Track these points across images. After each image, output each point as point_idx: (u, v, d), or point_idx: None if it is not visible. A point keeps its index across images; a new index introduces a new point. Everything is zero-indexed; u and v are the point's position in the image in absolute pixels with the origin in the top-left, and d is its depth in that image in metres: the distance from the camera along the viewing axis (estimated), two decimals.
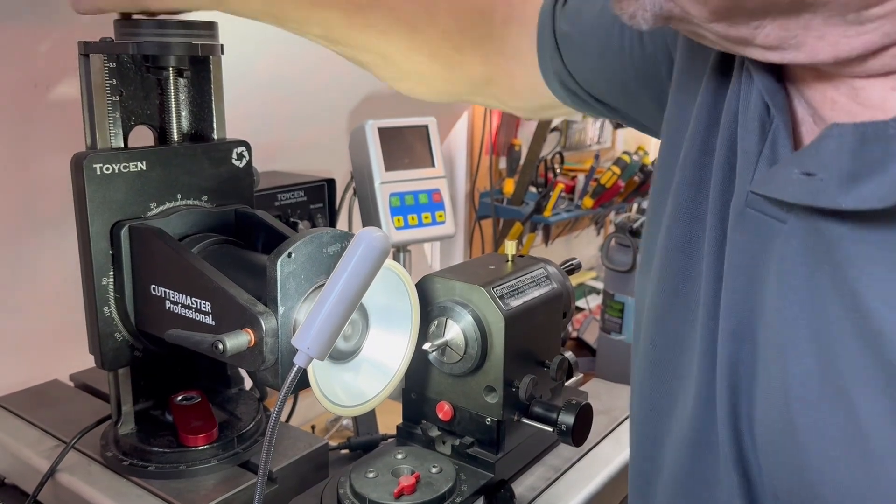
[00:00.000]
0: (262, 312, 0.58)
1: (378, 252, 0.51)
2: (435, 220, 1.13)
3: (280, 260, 0.58)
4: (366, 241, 0.51)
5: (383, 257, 0.52)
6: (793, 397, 0.42)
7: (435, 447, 0.73)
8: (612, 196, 2.05)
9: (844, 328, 0.39)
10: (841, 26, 0.35)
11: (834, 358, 0.40)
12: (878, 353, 0.37)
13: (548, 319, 0.74)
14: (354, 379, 0.64)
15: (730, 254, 0.47)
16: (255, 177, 0.80)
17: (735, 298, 0.46)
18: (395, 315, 0.65)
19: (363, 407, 0.64)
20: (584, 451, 0.80)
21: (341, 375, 0.63)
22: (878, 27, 0.35)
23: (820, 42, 0.37)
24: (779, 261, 0.43)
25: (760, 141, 0.44)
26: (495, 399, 0.69)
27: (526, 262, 0.76)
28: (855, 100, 0.39)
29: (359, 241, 0.52)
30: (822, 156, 0.38)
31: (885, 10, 0.34)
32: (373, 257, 0.51)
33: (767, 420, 0.44)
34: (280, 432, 0.80)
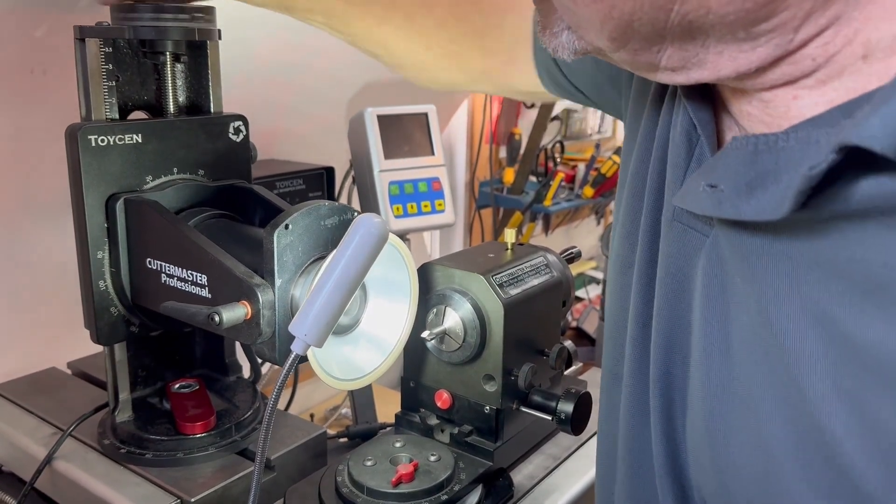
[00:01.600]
0: (258, 285, 0.58)
1: (376, 238, 0.51)
2: (434, 208, 1.12)
3: (277, 231, 0.57)
4: (364, 227, 0.51)
5: (382, 243, 0.52)
6: (709, 406, 0.43)
7: (433, 435, 0.73)
8: (613, 185, 2.04)
9: (754, 342, 0.40)
10: (734, 43, 0.37)
11: (744, 370, 0.41)
12: (782, 367, 0.38)
13: (547, 308, 0.74)
14: (353, 352, 0.63)
15: (660, 267, 0.48)
16: (252, 152, 0.79)
17: (664, 312, 0.48)
18: (394, 287, 0.65)
19: (362, 381, 0.63)
20: (583, 439, 0.80)
21: (340, 349, 0.62)
22: (770, 40, 0.36)
23: (720, 58, 0.38)
24: (701, 273, 0.44)
25: (687, 156, 0.46)
26: (494, 387, 0.69)
27: (525, 251, 0.76)
28: (765, 111, 0.40)
29: (357, 227, 0.51)
30: (723, 167, 0.40)
31: (772, 24, 0.35)
32: (371, 243, 0.51)
33: (692, 427, 0.46)
34: (278, 420, 0.80)
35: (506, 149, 2.01)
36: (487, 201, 1.95)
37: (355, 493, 0.63)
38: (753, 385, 0.40)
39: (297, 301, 0.59)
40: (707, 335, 0.44)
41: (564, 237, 2.39)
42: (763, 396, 0.39)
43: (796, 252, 0.37)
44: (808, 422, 0.37)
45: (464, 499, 0.66)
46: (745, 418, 0.41)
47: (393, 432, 0.75)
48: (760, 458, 0.40)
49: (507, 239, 0.76)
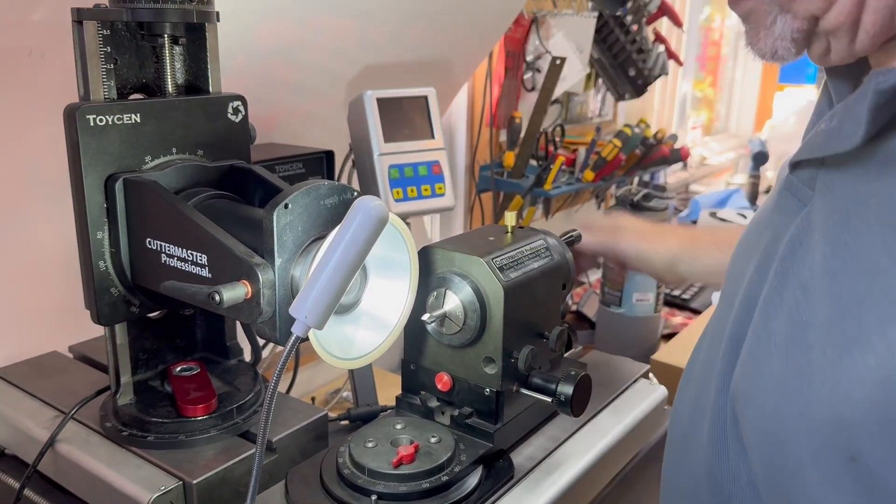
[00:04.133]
0: (258, 264, 0.58)
1: (376, 221, 0.51)
2: (434, 192, 1.12)
3: (276, 211, 0.57)
4: (363, 209, 0.51)
5: (381, 226, 0.52)
6: (763, 348, 0.49)
7: (434, 418, 0.73)
8: (613, 169, 2.03)
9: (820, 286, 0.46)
10: None
11: (789, 319, 0.47)
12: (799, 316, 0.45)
13: (547, 291, 0.74)
14: (354, 332, 0.64)
15: (765, 232, 0.54)
16: (251, 133, 0.79)
17: (756, 273, 0.53)
18: (394, 267, 0.65)
19: (362, 360, 0.64)
20: (583, 421, 0.80)
21: (341, 328, 0.63)
22: None
23: None
24: (789, 237, 0.50)
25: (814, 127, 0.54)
26: (494, 370, 0.69)
27: (526, 234, 0.76)
28: None
29: (356, 210, 0.51)
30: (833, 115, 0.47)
31: None
32: (370, 226, 0.51)
33: (741, 369, 0.51)
34: (280, 403, 0.80)
35: (506, 132, 2.00)
36: (488, 185, 1.94)
37: (356, 473, 0.64)
38: (794, 332, 0.45)
39: (296, 281, 0.59)
40: (772, 288, 0.49)
41: (565, 221, 2.39)
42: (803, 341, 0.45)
43: (879, 192, 0.43)
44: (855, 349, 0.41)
45: (464, 480, 0.66)
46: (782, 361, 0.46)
47: (394, 414, 0.75)
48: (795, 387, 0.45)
49: (507, 222, 0.76)
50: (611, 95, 2.38)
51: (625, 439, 0.81)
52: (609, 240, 0.91)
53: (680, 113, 3.32)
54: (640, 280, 1.70)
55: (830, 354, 0.42)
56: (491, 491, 0.67)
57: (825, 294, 0.44)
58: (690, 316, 2.00)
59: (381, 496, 0.62)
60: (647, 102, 2.90)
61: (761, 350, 0.48)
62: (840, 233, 0.45)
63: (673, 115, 3.25)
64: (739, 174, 3.77)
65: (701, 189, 3.37)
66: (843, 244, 0.44)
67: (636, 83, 2.25)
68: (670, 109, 3.20)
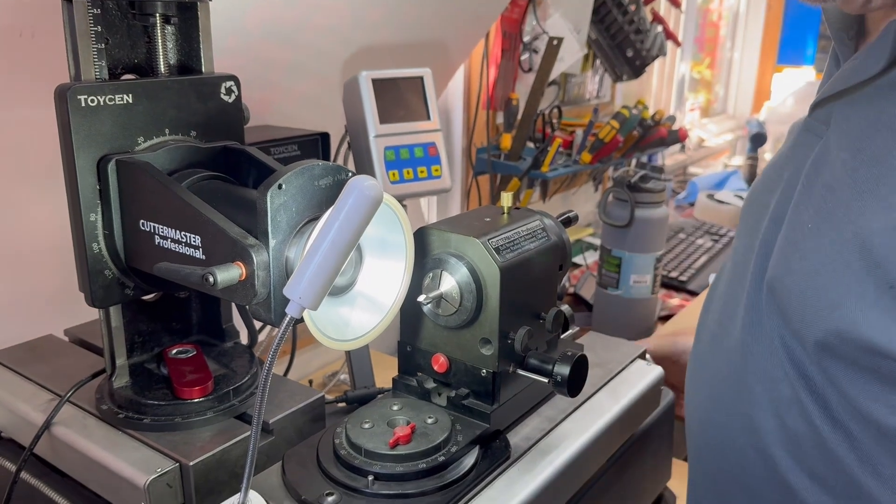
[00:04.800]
0: (253, 245, 0.58)
1: (370, 201, 0.51)
2: (431, 174, 1.12)
3: (270, 191, 0.57)
4: (357, 189, 0.50)
5: (376, 206, 0.51)
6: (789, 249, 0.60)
7: (431, 399, 0.73)
8: (611, 151, 2.03)
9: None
10: None
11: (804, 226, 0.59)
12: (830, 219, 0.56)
13: (544, 272, 0.74)
14: (350, 313, 0.64)
15: (785, 168, 0.66)
16: (244, 113, 0.78)
17: (782, 195, 0.63)
18: (390, 248, 0.65)
19: (358, 341, 0.63)
20: (580, 402, 0.80)
21: (336, 310, 0.62)
22: None
23: None
24: (810, 163, 0.61)
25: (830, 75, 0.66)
26: (490, 351, 0.69)
27: (522, 215, 0.75)
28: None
29: (350, 190, 0.51)
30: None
31: None
32: (364, 206, 0.51)
33: (777, 256, 0.61)
34: (276, 385, 0.80)
35: (503, 114, 1.99)
36: (485, 167, 1.94)
37: (353, 454, 0.64)
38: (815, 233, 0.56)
39: (291, 262, 0.59)
40: (795, 207, 0.60)
41: (562, 203, 2.38)
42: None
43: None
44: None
45: (460, 460, 0.66)
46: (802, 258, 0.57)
47: (390, 396, 0.75)
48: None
49: (503, 203, 0.75)
50: (608, 76, 2.36)
51: (621, 419, 0.81)
52: (669, 342, 1.07)
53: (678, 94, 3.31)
54: (637, 261, 1.70)
55: (853, 209, 0.53)
56: (487, 471, 0.67)
57: (847, 184, 0.54)
58: (687, 297, 2.00)
59: (377, 476, 0.62)
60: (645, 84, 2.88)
61: (796, 236, 0.57)
62: (856, 142, 0.55)
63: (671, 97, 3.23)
64: (737, 156, 3.76)
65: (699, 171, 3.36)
66: (859, 150, 0.54)
67: (634, 64, 2.24)
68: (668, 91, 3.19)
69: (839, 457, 0.55)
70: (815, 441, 0.56)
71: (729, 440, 0.62)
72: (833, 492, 0.55)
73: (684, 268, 2.13)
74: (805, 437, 0.57)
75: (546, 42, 1.93)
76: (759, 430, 0.60)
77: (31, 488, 0.74)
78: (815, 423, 0.56)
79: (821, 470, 0.56)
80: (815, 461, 0.56)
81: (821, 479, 0.56)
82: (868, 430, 0.53)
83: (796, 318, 0.58)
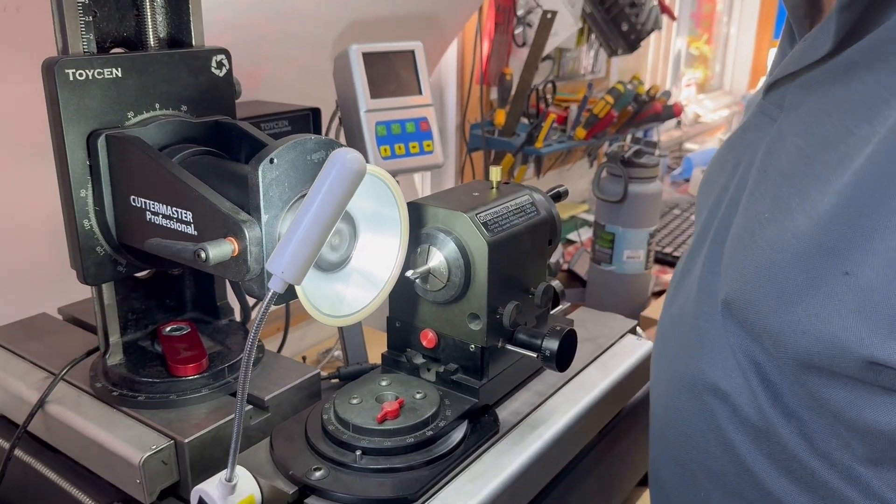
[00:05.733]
0: (245, 220, 0.57)
1: (352, 174, 0.50)
2: (423, 149, 1.11)
3: (262, 165, 0.56)
4: (339, 163, 0.50)
5: (358, 179, 0.51)
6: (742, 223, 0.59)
7: (420, 374, 0.73)
8: (606, 126, 2.02)
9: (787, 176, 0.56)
10: None
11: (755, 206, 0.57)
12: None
13: (533, 246, 0.73)
14: (344, 289, 0.63)
15: (739, 149, 0.64)
16: (236, 87, 0.78)
17: (740, 180, 0.62)
18: (385, 223, 0.64)
19: (352, 317, 0.63)
20: (569, 376, 0.80)
21: (332, 286, 0.62)
22: None
23: None
24: (764, 148, 0.59)
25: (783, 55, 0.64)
26: (479, 326, 0.69)
27: (511, 189, 0.75)
28: None
29: (332, 164, 0.51)
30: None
31: None
32: (347, 179, 0.50)
33: (731, 244, 0.59)
34: (271, 362, 0.80)
35: (497, 90, 1.98)
36: (478, 144, 1.93)
37: (341, 430, 0.64)
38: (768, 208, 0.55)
39: None
40: (752, 189, 0.58)
41: (557, 180, 2.38)
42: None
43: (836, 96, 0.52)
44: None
45: (448, 434, 0.67)
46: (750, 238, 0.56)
47: (379, 372, 0.75)
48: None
49: (492, 178, 0.75)
50: (603, 51, 2.34)
51: (610, 394, 0.81)
52: None
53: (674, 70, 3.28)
54: (630, 237, 1.71)
55: (805, 192, 0.51)
56: (476, 445, 0.67)
57: (801, 169, 0.53)
58: None
59: (365, 451, 0.62)
60: (640, 59, 2.86)
61: (752, 224, 0.56)
62: (809, 126, 0.54)
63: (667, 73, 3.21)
64: None
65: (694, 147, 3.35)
66: (812, 134, 0.53)
67: (629, 38, 2.22)
68: (664, 66, 3.17)
69: (792, 446, 0.54)
70: (768, 429, 0.55)
71: (690, 423, 0.62)
72: (793, 475, 0.54)
73: (678, 244, 2.13)
74: (759, 424, 0.56)
75: (540, 16, 1.91)
76: (716, 414, 0.59)
77: (25, 465, 0.74)
78: (766, 412, 0.55)
79: (779, 455, 0.55)
80: (772, 448, 0.55)
81: (780, 463, 0.55)
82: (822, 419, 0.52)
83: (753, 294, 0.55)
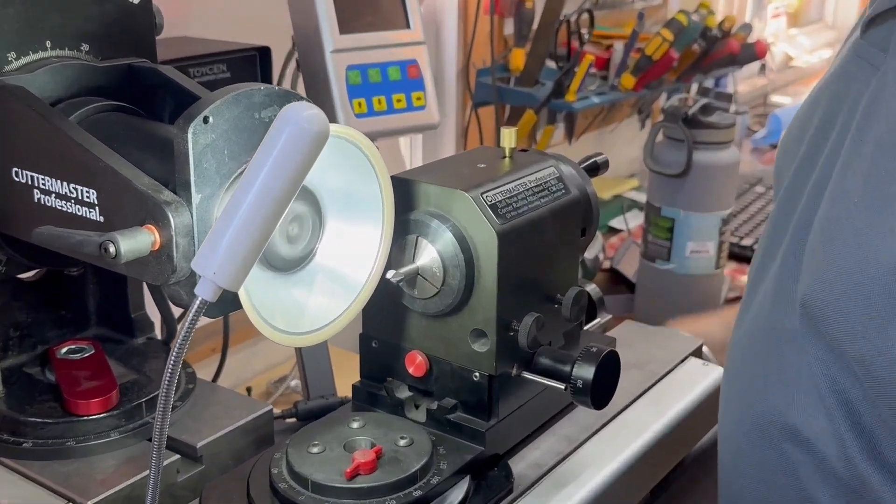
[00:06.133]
0: (169, 202, 0.58)
1: (310, 137, 0.50)
2: (411, 103, 1.12)
3: (193, 126, 0.57)
4: (292, 122, 0.50)
5: (319, 144, 0.51)
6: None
7: (404, 413, 0.74)
8: (662, 72, 2.02)
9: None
10: None
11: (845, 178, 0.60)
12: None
13: (560, 238, 0.74)
14: (306, 296, 0.64)
15: (834, 105, 0.65)
16: (156, 19, 0.78)
17: (830, 151, 0.63)
18: (361, 206, 0.65)
19: (318, 334, 0.64)
20: (609, 416, 0.81)
21: (289, 291, 0.63)
22: None
23: None
24: (861, 111, 0.60)
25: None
26: (486, 346, 0.69)
27: (530, 159, 0.75)
28: None
29: (283, 124, 0.50)
30: None
31: None
32: (304, 145, 0.50)
33: (814, 238, 0.61)
34: (205, 396, 0.80)
35: (514, 22, 1.98)
36: (488, 96, 1.93)
37: (296, 488, 0.64)
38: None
39: None
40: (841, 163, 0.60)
41: (595, 146, 2.38)
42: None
43: None
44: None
45: (444, 495, 0.67)
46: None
47: (350, 409, 0.75)
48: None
49: (504, 143, 0.75)
50: None
51: (666, 439, 0.82)
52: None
53: None
54: (696, 224, 1.71)
55: None
56: None
57: None
58: None
59: None
60: None
61: (839, 210, 0.57)
62: None
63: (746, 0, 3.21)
64: None
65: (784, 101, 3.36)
66: None
67: None
68: None
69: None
70: (862, 489, 0.56)
71: (765, 476, 0.62)
72: None
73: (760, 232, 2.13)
74: (850, 481, 0.57)
75: None
76: (796, 467, 0.60)
77: None
78: (859, 465, 0.56)
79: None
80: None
81: None
82: None
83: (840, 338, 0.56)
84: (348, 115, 1.07)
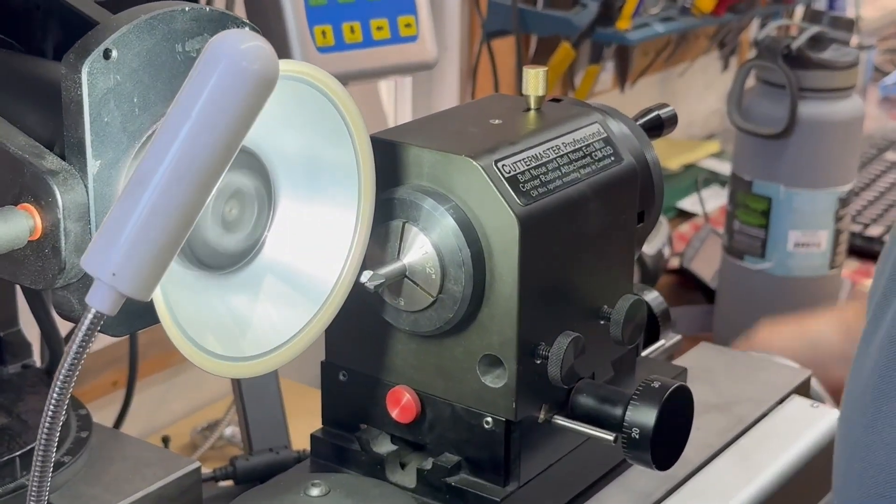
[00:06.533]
0: (55, 172, 0.58)
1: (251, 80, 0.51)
2: (397, 33, 1.14)
3: (89, 64, 0.57)
4: (225, 58, 0.50)
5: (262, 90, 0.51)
6: None
7: (385, 475, 0.74)
8: None
9: None
10: None
11: None
12: None
13: (607, 225, 0.74)
14: (250, 305, 0.65)
15: None
16: None
17: None
18: (326, 176, 0.66)
19: (269, 360, 0.64)
20: (679, 478, 0.81)
21: (225, 299, 0.64)
22: None
23: None
24: None
25: None
26: (502, 380, 0.69)
27: (566, 113, 0.76)
28: None
29: (212, 61, 0.50)
30: None
31: None
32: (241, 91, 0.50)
33: None
34: (108, 448, 0.82)
35: None
36: (506, 22, 1.94)
37: None
38: None
39: None
40: None
41: (659, 95, 2.38)
42: None
43: None
44: None
45: None
46: None
47: (308, 469, 0.76)
48: None
49: (529, 89, 0.75)
50: None
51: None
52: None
53: None
54: (803, 205, 1.70)
55: None
56: None
57: None
58: None
59: None
60: None
61: None
62: None
63: None
64: None
65: None
66: None
67: None
68: None
69: None
70: None
71: None
72: None
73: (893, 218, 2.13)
74: None
75: None
76: None
77: None
78: None
79: None
80: None
81: None
82: None
83: None
84: (307, 48, 1.08)
